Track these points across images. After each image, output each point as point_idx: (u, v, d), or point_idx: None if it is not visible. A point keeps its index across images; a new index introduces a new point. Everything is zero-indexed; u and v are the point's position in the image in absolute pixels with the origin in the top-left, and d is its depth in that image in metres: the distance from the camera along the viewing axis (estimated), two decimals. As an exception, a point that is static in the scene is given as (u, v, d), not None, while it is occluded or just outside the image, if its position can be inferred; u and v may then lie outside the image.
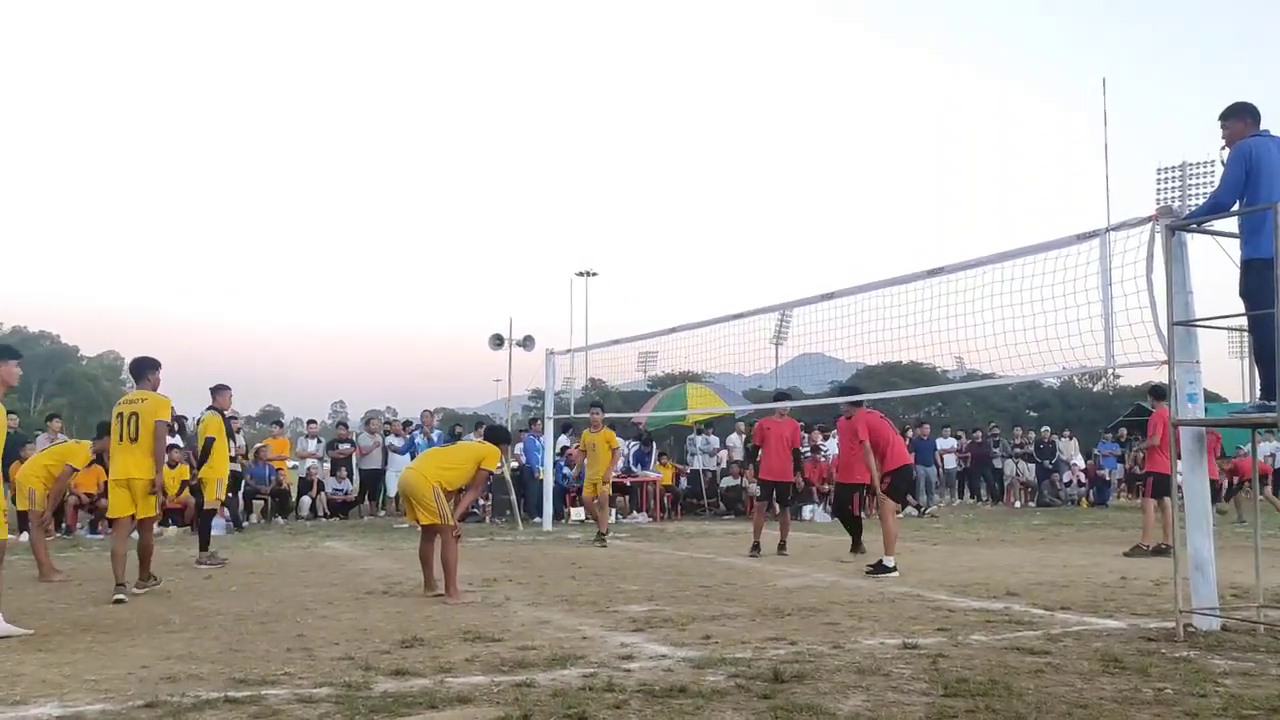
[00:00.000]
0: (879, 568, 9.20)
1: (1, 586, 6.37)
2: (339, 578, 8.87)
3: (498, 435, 9.09)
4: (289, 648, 5.60)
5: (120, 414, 7.96)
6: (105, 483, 14.15)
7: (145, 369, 8.36)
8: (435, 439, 16.93)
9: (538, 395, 19.95)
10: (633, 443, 19.21)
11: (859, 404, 10.49)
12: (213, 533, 10.78)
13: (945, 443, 21.83)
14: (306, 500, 17.00)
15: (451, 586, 7.59)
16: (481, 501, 17.47)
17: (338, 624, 6.42)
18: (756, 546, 11.36)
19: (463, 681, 4.72)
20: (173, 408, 8.80)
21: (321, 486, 17.26)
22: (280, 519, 16.34)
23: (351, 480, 17.86)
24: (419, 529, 8.10)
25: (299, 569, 9.67)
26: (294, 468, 17.87)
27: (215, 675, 4.89)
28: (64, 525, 14.11)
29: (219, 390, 10.84)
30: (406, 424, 18.68)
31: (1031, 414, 57.35)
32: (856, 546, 10.94)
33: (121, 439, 7.91)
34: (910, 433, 20.88)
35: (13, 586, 8.34)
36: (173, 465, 13.83)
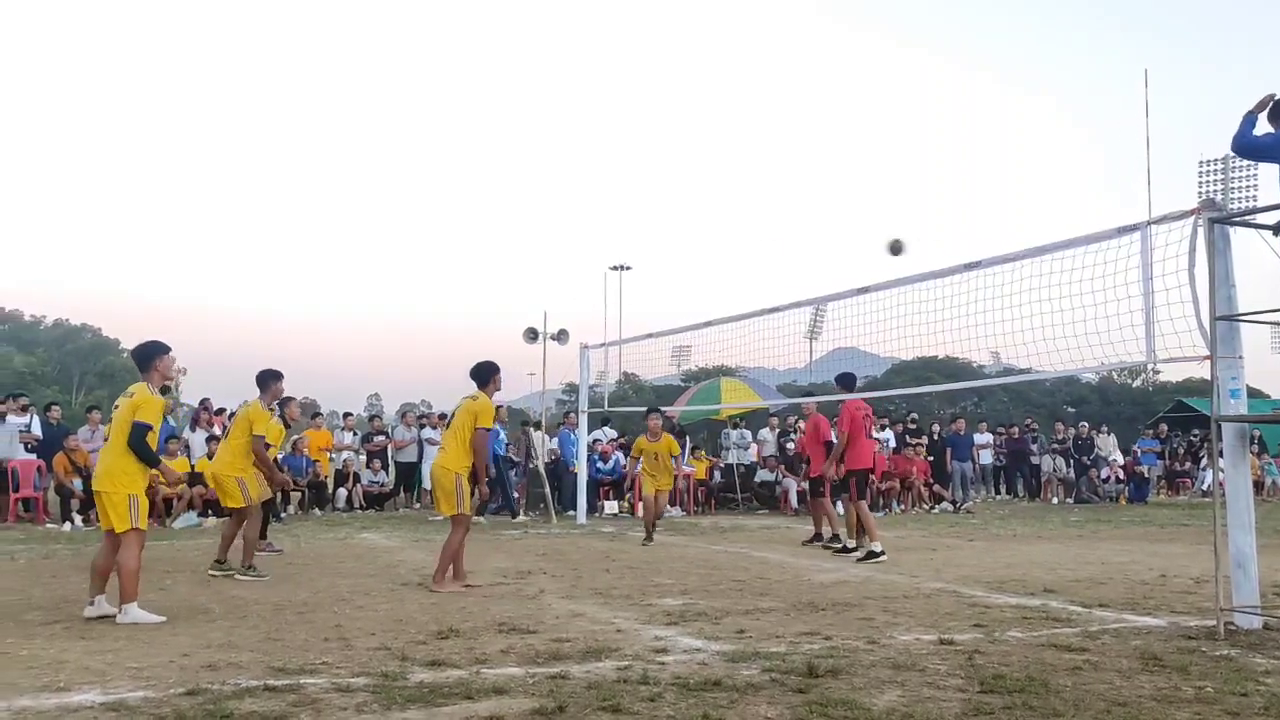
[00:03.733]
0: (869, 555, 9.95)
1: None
2: (375, 569, 8.96)
3: (480, 375, 8.19)
4: (326, 637, 5.67)
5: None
6: (191, 473, 14.55)
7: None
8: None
9: (572, 389, 19.99)
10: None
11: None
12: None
13: (981, 438, 21.62)
14: (342, 492, 17.16)
15: (440, 574, 7.72)
16: (515, 494, 17.58)
17: (374, 614, 6.49)
18: (836, 538, 11.29)
19: (498, 673, 4.76)
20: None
21: (357, 478, 17.42)
22: (317, 510, 16.52)
23: (387, 472, 18.02)
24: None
25: (335, 560, 9.78)
26: (331, 460, 18.05)
27: (255, 664, 4.96)
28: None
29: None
30: (443, 416, 18.77)
31: (1070, 410, 56.64)
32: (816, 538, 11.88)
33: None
34: (938, 429, 20.75)
35: (55, 575, 8.54)
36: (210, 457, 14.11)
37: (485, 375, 8.16)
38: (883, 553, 9.91)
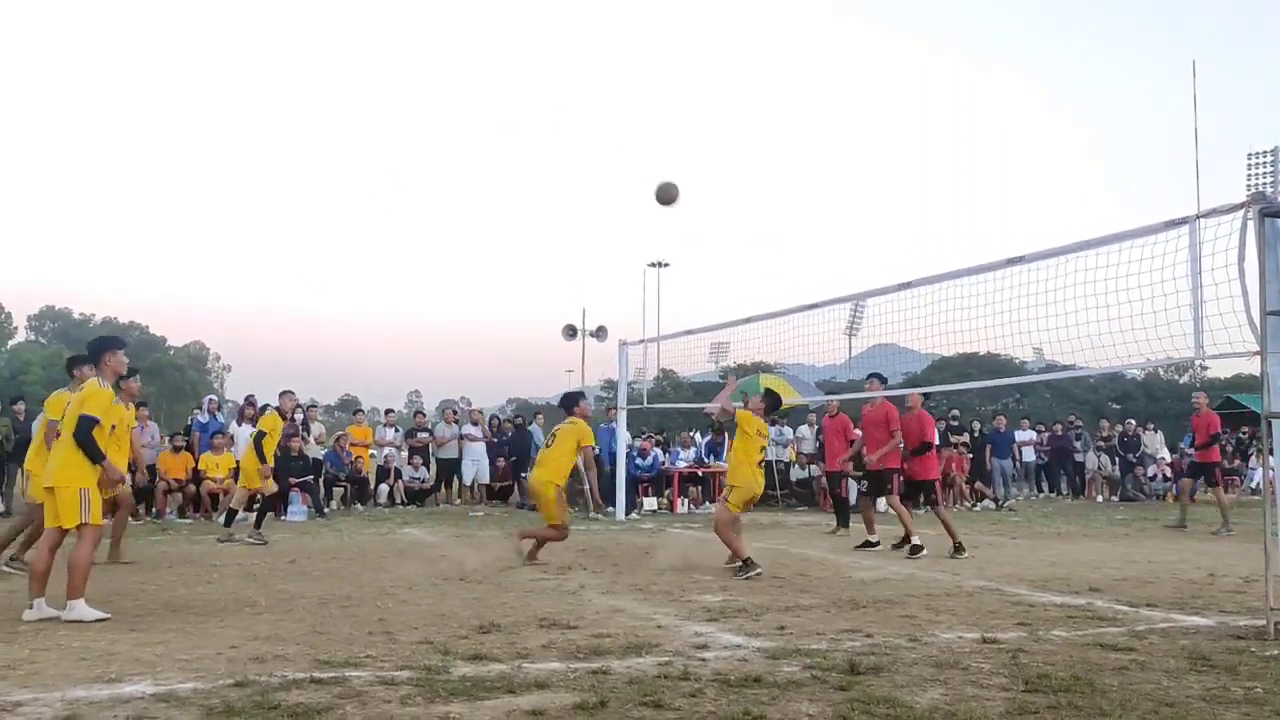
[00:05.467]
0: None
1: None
2: (417, 564, 9.04)
3: (568, 402, 9.89)
4: (370, 631, 5.74)
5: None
6: (194, 469, 14.81)
7: None
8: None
9: (610, 385, 20.02)
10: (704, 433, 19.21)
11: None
12: (294, 519, 11.15)
13: (1023, 435, 21.35)
14: (384, 488, 17.35)
15: (534, 550, 9.29)
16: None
17: (417, 609, 6.55)
18: (908, 539, 10.44)
19: (539, 667, 4.79)
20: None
21: (399, 474, 17.60)
22: (359, 506, 16.71)
23: (428, 468, 18.19)
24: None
25: (378, 555, 9.89)
26: (373, 456, 18.25)
27: (300, 656, 5.04)
28: (154, 509, 14.62)
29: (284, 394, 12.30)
30: (481, 412, 18.97)
31: (1114, 406, 55.81)
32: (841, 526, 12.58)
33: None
34: (980, 426, 20.53)
35: (102, 569, 8.71)
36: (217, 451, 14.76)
37: (571, 402, 9.82)
38: (878, 543, 10.82)
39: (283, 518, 14.04)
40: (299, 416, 15.20)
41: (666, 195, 11.28)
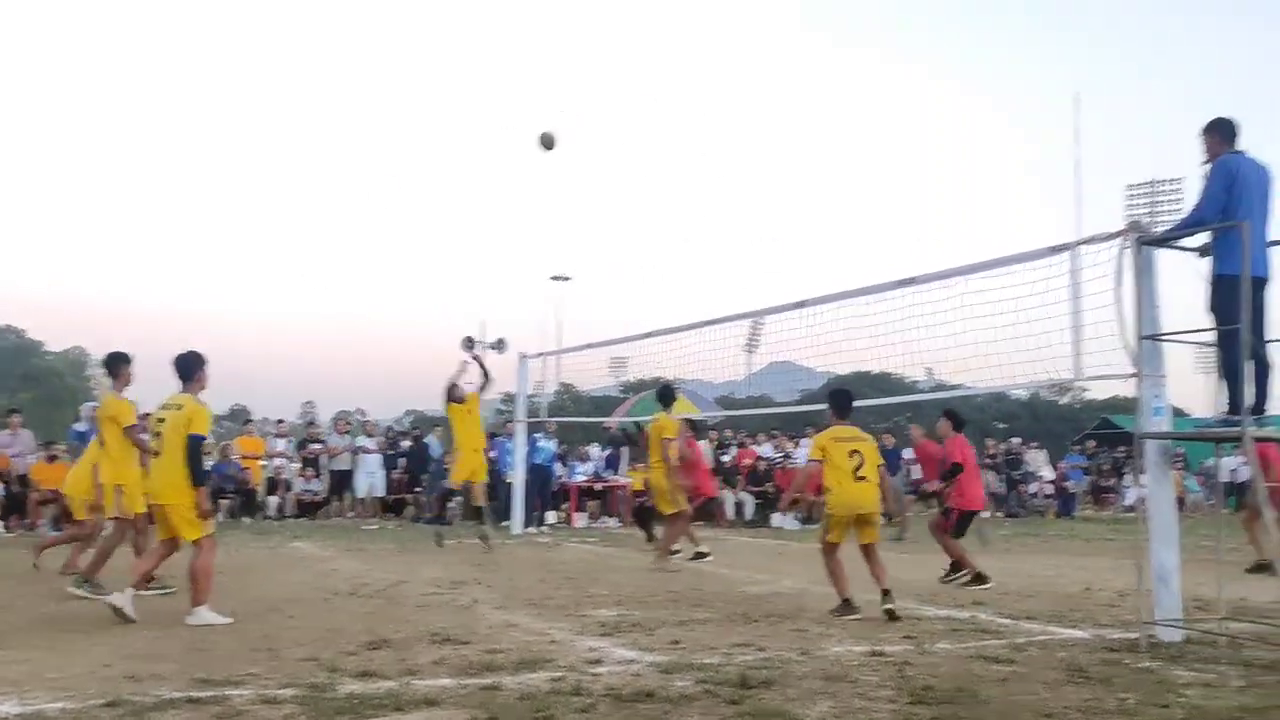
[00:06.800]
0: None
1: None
2: (306, 578, 8.79)
3: (663, 397, 10.93)
4: (254, 648, 5.55)
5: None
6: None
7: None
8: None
9: (510, 399, 19.85)
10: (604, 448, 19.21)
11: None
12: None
13: (911, 453, 21.90)
14: (274, 500, 16.83)
15: (664, 550, 10.26)
16: (450, 505, 17.36)
17: (304, 625, 6.36)
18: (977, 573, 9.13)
19: (429, 684, 4.69)
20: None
21: (289, 486, 17.09)
22: (247, 519, 16.18)
23: (320, 480, 17.72)
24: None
25: (266, 569, 9.58)
26: (264, 466, 17.69)
27: (178, 675, 4.83)
28: (26, 521, 13.92)
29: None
30: (376, 424, 18.59)
31: (1000, 425, 57.80)
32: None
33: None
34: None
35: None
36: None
37: (667, 398, 10.99)
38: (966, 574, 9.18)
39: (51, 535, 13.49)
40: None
41: (548, 142, 11.55)
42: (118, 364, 8.12)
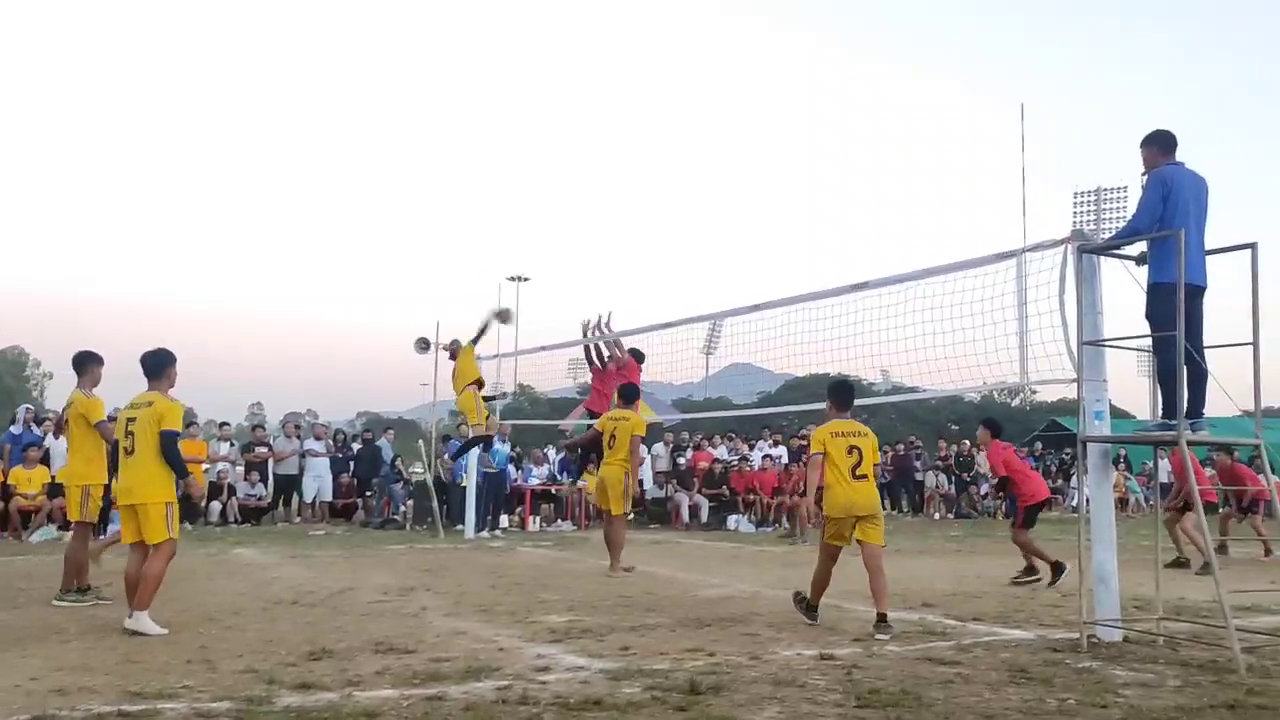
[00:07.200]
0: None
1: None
2: (247, 586, 8.63)
3: (626, 395, 10.63)
4: (190, 659, 5.41)
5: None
6: (3, 485, 13.73)
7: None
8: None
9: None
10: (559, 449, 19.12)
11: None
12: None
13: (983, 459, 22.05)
14: (216, 505, 16.49)
15: (615, 562, 9.81)
16: (402, 508, 17.20)
17: (243, 635, 6.23)
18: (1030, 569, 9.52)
19: (371, 695, 4.60)
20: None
21: (233, 491, 16.77)
22: (188, 524, 15.84)
23: (265, 485, 17.43)
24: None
25: (205, 577, 9.37)
26: (205, 470, 17.35)
27: (109, 688, 4.70)
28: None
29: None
30: (326, 426, 18.35)
31: (953, 427, 58.51)
32: None
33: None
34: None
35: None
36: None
37: (631, 395, 10.67)
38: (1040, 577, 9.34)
39: (100, 537, 13.17)
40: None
41: (505, 317, 13.92)
42: (87, 363, 7.92)
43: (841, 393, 7.37)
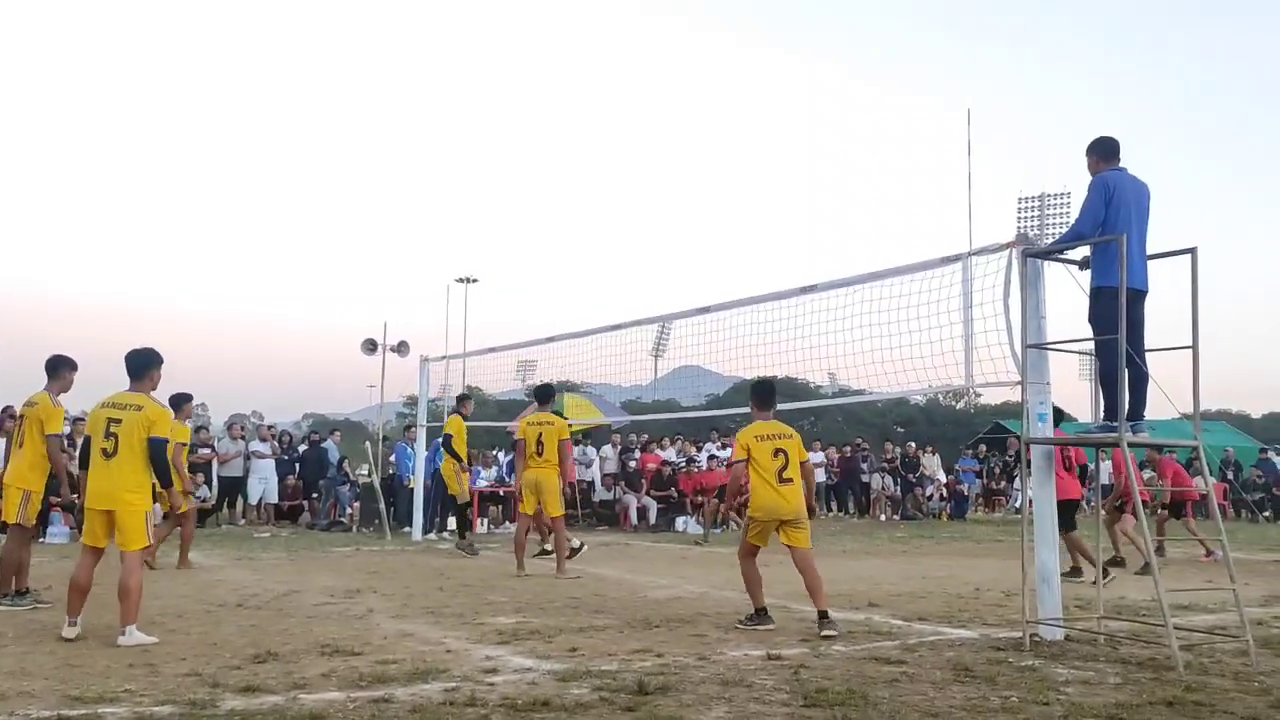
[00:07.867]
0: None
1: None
2: (191, 589, 8.48)
3: (542, 395, 10.62)
4: (131, 663, 5.31)
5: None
6: None
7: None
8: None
9: (412, 402, 19.53)
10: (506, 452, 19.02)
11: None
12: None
13: (815, 456, 22.28)
14: (157, 508, 16.17)
15: (561, 564, 9.85)
16: (349, 510, 17.01)
17: (186, 638, 6.12)
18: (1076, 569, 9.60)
19: (316, 698, 4.55)
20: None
21: (177, 493, 16.46)
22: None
23: (210, 487, 17.12)
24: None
25: (148, 580, 9.10)
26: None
27: (48, 693, 4.60)
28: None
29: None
30: (271, 428, 18.06)
31: (899, 430, 59.23)
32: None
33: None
34: None
35: None
36: None
37: (546, 395, 10.67)
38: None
39: (41, 540, 12.86)
40: (66, 429, 13.98)
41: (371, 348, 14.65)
42: (60, 368, 7.69)
43: (763, 393, 7.24)
